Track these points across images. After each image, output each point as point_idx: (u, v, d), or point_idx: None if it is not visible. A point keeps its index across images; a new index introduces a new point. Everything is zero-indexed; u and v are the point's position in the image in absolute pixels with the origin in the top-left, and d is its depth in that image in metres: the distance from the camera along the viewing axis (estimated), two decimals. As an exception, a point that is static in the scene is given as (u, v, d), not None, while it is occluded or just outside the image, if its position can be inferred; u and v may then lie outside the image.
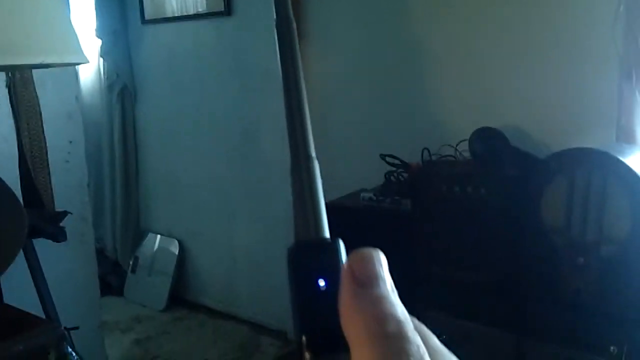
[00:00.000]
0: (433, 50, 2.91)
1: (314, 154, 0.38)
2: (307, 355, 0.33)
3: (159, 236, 4.31)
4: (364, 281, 0.31)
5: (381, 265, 0.33)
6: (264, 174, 3.65)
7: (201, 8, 3.74)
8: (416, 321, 0.34)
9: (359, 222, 2.64)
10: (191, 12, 3.79)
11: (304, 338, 0.34)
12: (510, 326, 2.24)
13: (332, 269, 0.34)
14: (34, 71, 2.31)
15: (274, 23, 0.39)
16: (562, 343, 2.11)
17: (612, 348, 2.01)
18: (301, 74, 0.39)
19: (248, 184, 3.76)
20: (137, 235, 4.44)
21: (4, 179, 1.73)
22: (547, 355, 2.15)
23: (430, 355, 0.31)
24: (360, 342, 0.30)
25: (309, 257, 0.35)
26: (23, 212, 1.62)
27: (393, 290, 0.32)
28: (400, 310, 0.31)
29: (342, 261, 0.35)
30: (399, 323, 0.30)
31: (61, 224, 2.09)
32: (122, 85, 4.22)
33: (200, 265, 4.16)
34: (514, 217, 2.26)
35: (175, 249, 4.20)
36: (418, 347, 0.30)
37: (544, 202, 2.15)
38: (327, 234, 0.36)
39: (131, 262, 4.37)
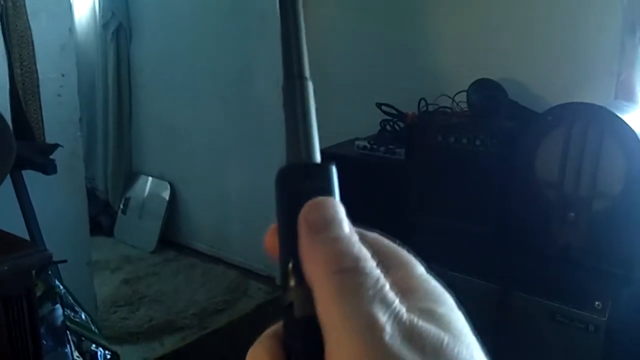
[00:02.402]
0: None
1: (308, 75, 0.36)
2: (292, 282, 0.32)
3: (150, 178, 4.30)
4: (318, 227, 0.32)
5: (335, 210, 0.32)
6: (258, 118, 3.62)
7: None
8: (401, 251, 0.35)
9: (352, 170, 2.63)
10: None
11: (290, 264, 0.32)
12: (496, 277, 2.25)
13: (324, 194, 0.33)
14: (27, 1, 2.26)
15: None
16: (547, 296, 2.13)
17: (596, 303, 2.02)
18: None
19: (241, 128, 3.73)
20: (129, 176, 4.42)
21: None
22: (532, 307, 2.17)
23: (410, 283, 0.33)
24: (318, 280, 0.31)
25: (299, 182, 0.34)
26: (11, 136, 1.60)
27: (351, 232, 0.32)
28: (356, 247, 0.31)
29: (334, 187, 0.34)
30: (355, 259, 0.31)
31: (52, 157, 2.07)
32: (118, 24, 4.15)
33: (191, 209, 4.16)
34: (508, 170, 2.25)
35: (166, 191, 4.19)
36: (377, 279, 0.30)
37: (539, 156, 2.15)
38: (318, 158, 0.35)
39: (122, 203, 4.37)
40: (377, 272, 0.31)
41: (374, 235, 0.36)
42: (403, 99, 2.76)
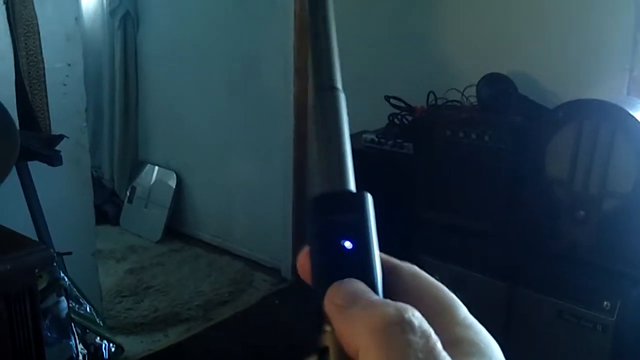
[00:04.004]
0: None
1: (340, 85, 0.33)
2: (327, 327, 0.30)
3: (156, 168, 4.28)
4: (348, 302, 0.29)
5: (357, 285, 0.30)
6: (264, 108, 3.60)
7: None
8: (442, 289, 0.33)
9: (360, 163, 2.59)
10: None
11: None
12: (504, 274, 2.23)
13: (359, 228, 0.31)
14: (33, -11, 2.24)
15: None
16: (555, 295, 2.11)
17: (605, 303, 2.00)
18: None
19: (248, 118, 3.71)
20: (135, 165, 4.41)
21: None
22: (539, 305, 2.15)
23: (455, 332, 0.31)
24: (362, 341, 0.28)
25: (333, 212, 0.31)
26: (16, 130, 1.58)
27: (376, 293, 0.31)
28: (392, 302, 0.29)
29: (368, 218, 0.31)
30: (398, 312, 0.29)
31: (57, 148, 2.06)
32: (125, 12, 4.12)
33: (197, 199, 4.15)
34: (517, 166, 2.23)
35: (172, 181, 4.18)
36: (428, 336, 0.28)
37: (549, 153, 2.12)
38: (352, 184, 0.32)
39: (128, 193, 4.36)
40: (426, 324, 0.28)
41: (411, 271, 0.34)
42: (412, 92, 2.73)
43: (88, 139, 2.64)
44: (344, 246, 0.31)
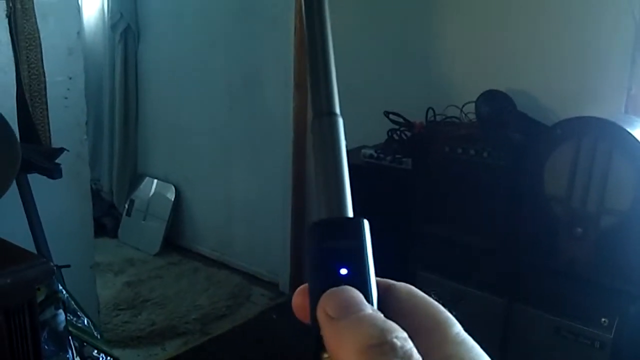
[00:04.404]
0: (443, 7, 2.84)
1: (338, 110, 0.34)
2: (324, 355, 0.31)
3: (155, 181, 4.29)
4: (339, 314, 0.30)
5: (351, 295, 0.31)
6: (263, 123, 3.61)
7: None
8: (436, 308, 0.34)
9: (358, 178, 2.60)
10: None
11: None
12: (501, 291, 2.23)
13: (355, 255, 0.32)
14: (36, 3, 2.25)
15: None
16: (552, 311, 2.11)
17: (603, 320, 2.00)
18: (327, 20, 0.35)
19: (247, 132, 3.72)
20: (134, 178, 4.42)
21: (0, 111, 1.69)
22: (537, 322, 2.15)
23: (445, 350, 0.32)
24: None
25: (331, 239, 0.32)
26: (16, 143, 1.59)
27: (373, 310, 0.31)
28: (380, 321, 0.30)
29: (365, 244, 0.32)
30: (381, 333, 0.30)
31: (57, 161, 2.06)
32: (126, 26, 4.14)
33: (196, 212, 4.15)
34: (516, 183, 2.23)
35: (171, 194, 4.18)
36: (409, 355, 0.29)
37: (547, 170, 2.13)
38: (349, 210, 0.33)
39: (127, 205, 4.36)
40: (409, 345, 0.29)
41: (406, 289, 0.35)
42: (411, 108, 2.74)
43: (88, 152, 2.65)
44: (339, 272, 0.31)
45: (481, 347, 0.32)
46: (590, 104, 2.38)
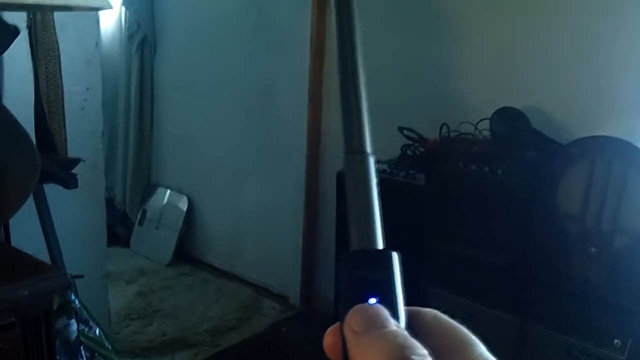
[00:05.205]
0: (459, 24, 2.85)
1: (369, 149, 0.36)
2: None
3: (168, 191, 4.31)
4: (362, 329, 0.32)
5: (376, 312, 0.33)
6: (277, 135, 3.62)
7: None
8: (460, 330, 0.35)
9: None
10: (217, -34, 3.73)
11: None
12: (514, 309, 2.22)
13: (384, 285, 0.33)
14: (55, 14, 2.27)
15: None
16: (565, 331, 2.10)
17: (615, 341, 1.99)
18: (359, 50, 0.37)
19: (260, 144, 3.73)
20: (147, 188, 4.44)
21: (19, 120, 1.71)
22: (549, 341, 2.14)
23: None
24: None
25: (361, 270, 0.34)
26: (36, 156, 1.60)
27: (397, 326, 0.33)
28: (401, 338, 0.32)
29: (395, 276, 0.34)
30: (401, 350, 0.31)
31: (73, 171, 2.08)
32: (143, 36, 4.18)
33: (208, 223, 4.16)
34: (530, 201, 2.23)
35: (184, 204, 4.20)
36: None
37: (561, 188, 2.12)
38: (380, 244, 0.34)
39: (139, 215, 4.38)
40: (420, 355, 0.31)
41: (432, 313, 0.36)
42: (425, 124, 2.74)
43: (103, 162, 2.67)
44: (368, 301, 0.33)
45: None
46: (605, 123, 2.38)
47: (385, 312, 0.32)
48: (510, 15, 2.69)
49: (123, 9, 4.22)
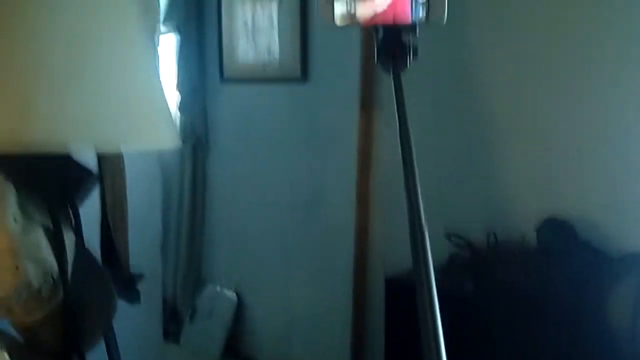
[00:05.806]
0: (507, 128, 2.90)
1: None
2: None
3: (218, 287, 4.38)
4: None
5: None
6: (327, 237, 3.70)
7: (279, 73, 3.86)
8: None
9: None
10: (269, 76, 3.92)
11: None
12: None
13: None
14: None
15: None
16: None
17: None
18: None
19: (311, 245, 3.81)
20: (198, 284, 4.52)
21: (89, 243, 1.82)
22: None
23: None
24: None
25: None
26: (112, 292, 1.70)
27: None
28: None
29: None
30: None
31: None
32: (196, 139, 4.35)
33: (257, 321, 4.20)
34: (578, 315, 2.23)
35: (233, 302, 4.26)
36: None
37: (611, 303, 2.13)
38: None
39: (190, 311, 4.44)
40: None
41: None
42: (471, 229, 2.78)
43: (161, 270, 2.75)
44: None
45: None
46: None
47: None
48: (559, 121, 2.74)
49: (177, 113, 4.41)
